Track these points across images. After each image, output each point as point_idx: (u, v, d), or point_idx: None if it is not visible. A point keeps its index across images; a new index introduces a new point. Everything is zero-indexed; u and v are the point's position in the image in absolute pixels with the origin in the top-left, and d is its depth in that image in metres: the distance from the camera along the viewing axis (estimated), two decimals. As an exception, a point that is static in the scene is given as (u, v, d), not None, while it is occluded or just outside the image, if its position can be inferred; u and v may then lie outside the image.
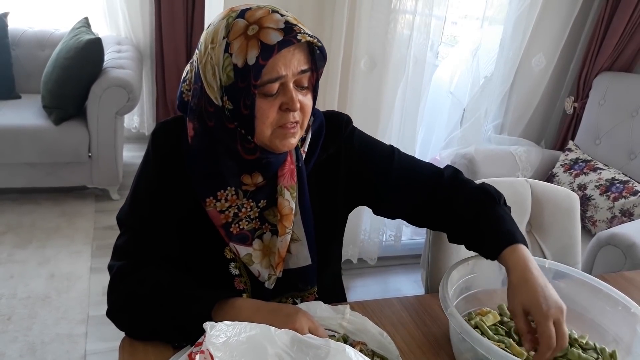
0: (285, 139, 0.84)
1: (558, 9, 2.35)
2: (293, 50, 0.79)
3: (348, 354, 0.69)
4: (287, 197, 0.90)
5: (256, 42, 0.76)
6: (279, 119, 0.82)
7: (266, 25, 0.77)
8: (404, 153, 1.06)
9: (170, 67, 3.27)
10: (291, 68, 0.79)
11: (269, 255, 0.93)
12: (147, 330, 0.85)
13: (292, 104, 0.80)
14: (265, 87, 0.79)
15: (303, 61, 0.81)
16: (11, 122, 2.55)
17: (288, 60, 0.78)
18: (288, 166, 0.90)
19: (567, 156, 2.38)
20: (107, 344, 1.84)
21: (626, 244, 1.65)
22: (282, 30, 0.77)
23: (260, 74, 0.77)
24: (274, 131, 0.82)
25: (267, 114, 0.80)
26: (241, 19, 0.78)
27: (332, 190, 1.00)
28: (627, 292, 0.95)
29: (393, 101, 2.22)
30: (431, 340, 0.94)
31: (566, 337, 0.80)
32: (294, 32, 0.77)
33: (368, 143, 1.04)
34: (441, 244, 1.25)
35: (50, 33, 3.03)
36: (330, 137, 0.98)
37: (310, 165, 0.96)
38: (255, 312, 0.81)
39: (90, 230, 2.53)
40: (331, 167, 0.99)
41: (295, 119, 0.83)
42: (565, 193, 1.38)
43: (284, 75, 0.79)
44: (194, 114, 0.86)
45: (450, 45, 3.03)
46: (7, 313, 1.93)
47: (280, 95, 0.81)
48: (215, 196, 0.88)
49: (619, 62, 2.41)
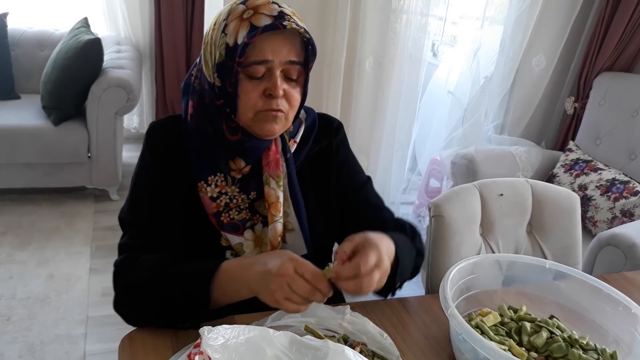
0: (266, 123, 0.86)
1: (558, 9, 2.35)
2: (283, 38, 0.82)
3: (347, 355, 0.69)
4: (273, 185, 0.92)
5: (247, 23, 0.81)
6: (262, 104, 0.84)
7: (261, 11, 0.82)
8: (375, 189, 1.10)
9: (170, 67, 3.27)
10: (279, 56, 0.82)
11: (261, 246, 0.96)
12: (151, 315, 0.86)
13: (274, 89, 0.83)
14: (251, 69, 0.82)
15: (294, 53, 0.84)
16: (10, 123, 2.54)
17: (277, 47, 0.82)
18: (273, 155, 0.93)
19: (567, 156, 2.38)
20: (107, 345, 1.83)
21: (627, 244, 1.65)
22: (274, 17, 0.81)
23: (245, 52, 0.81)
24: (257, 114, 0.85)
25: (250, 96, 0.84)
26: (242, 4, 0.83)
27: (326, 182, 1.03)
28: (628, 293, 0.95)
29: (394, 100, 2.22)
30: (432, 341, 0.93)
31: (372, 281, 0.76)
32: (283, 20, 0.81)
33: (352, 158, 1.09)
34: (442, 244, 1.25)
35: (50, 33, 3.02)
36: (322, 131, 1.02)
37: (303, 155, 0.99)
38: (245, 269, 0.82)
39: (89, 231, 2.53)
40: (324, 161, 1.03)
41: (279, 106, 0.85)
42: (565, 193, 1.38)
43: (270, 60, 0.82)
44: (195, 93, 0.91)
45: (451, 45, 3.04)
46: (7, 314, 1.92)
47: (265, 81, 0.84)
48: (207, 180, 0.91)
49: (620, 62, 2.41)
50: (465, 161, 2.26)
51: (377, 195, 1.09)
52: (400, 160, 2.42)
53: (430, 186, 2.79)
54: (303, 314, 0.86)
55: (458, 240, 1.25)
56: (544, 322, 0.94)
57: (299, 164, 0.99)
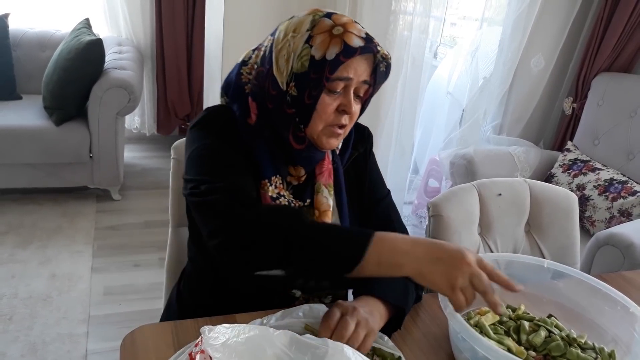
0: (331, 138, 0.90)
1: (557, 10, 2.36)
2: (364, 59, 0.86)
3: (346, 354, 0.69)
4: (325, 194, 0.96)
5: (339, 41, 0.83)
6: (334, 118, 0.88)
7: (350, 30, 0.85)
8: (394, 202, 1.11)
9: (171, 67, 3.28)
10: (358, 75, 0.86)
11: None
12: (285, 259, 0.76)
13: (349, 106, 0.87)
14: (333, 84, 0.85)
15: (367, 73, 0.88)
16: (12, 123, 2.55)
17: (359, 66, 0.86)
18: (326, 165, 0.98)
19: (565, 156, 2.39)
20: (108, 344, 1.84)
21: (625, 244, 1.66)
22: (364, 39, 0.85)
23: (337, 70, 0.83)
24: (325, 128, 0.89)
25: (326, 110, 0.87)
26: (327, 19, 0.86)
27: (361, 188, 1.06)
28: (626, 292, 0.96)
29: (394, 102, 2.23)
30: (431, 340, 0.94)
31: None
32: (374, 44, 0.86)
33: (377, 167, 1.12)
34: (441, 244, 1.25)
35: (51, 34, 3.03)
36: (359, 138, 1.06)
37: (344, 162, 1.02)
38: (414, 245, 0.76)
39: (91, 231, 2.54)
40: (359, 167, 1.06)
41: (346, 122, 0.90)
42: (563, 193, 1.39)
43: (351, 78, 0.86)
44: (256, 95, 0.92)
45: (450, 46, 3.04)
46: (8, 313, 1.93)
47: (341, 97, 0.88)
48: (270, 180, 0.92)
49: (618, 63, 2.42)
50: (464, 161, 2.27)
51: (394, 210, 1.09)
52: (403, 162, 2.43)
53: (429, 186, 2.80)
54: (304, 314, 0.87)
55: (457, 240, 1.26)
56: (542, 321, 0.95)
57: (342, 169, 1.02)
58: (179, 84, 3.34)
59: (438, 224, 1.25)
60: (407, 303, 0.94)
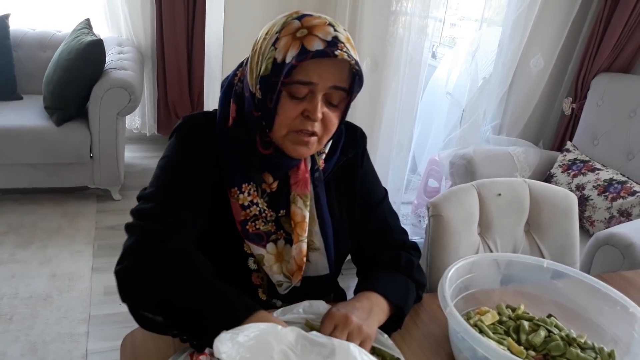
0: (297, 145, 0.86)
1: (556, 10, 2.36)
2: (332, 64, 0.81)
3: (352, 352, 0.69)
4: (300, 205, 0.92)
5: (299, 44, 0.79)
6: (298, 123, 0.84)
7: (315, 33, 0.80)
8: (390, 204, 1.09)
9: (172, 68, 3.28)
10: (324, 80, 0.81)
11: (281, 262, 0.94)
12: (154, 304, 0.77)
13: (313, 112, 0.82)
14: (293, 87, 0.81)
15: (339, 79, 0.83)
16: (13, 123, 2.55)
17: (323, 71, 0.81)
18: (302, 175, 0.93)
19: (565, 157, 2.39)
20: (109, 344, 1.85)
21: (624, 244, 1.66)
22: (327, 42, 0.79)
23: (291, 73, 0.79)
24: (290, 133, 0.85)
25: (287, 114, 0.83)
26: (297, 21, 0.82)
27: (351, 194, 1.02)
28: (626, 292, 0.96)
29: (392, 101, 2.23)
30: (430, 340, 0.94)
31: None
32: (336, 48, 0.79)
33: (372, 171, 1.07)
34: (440, 243, 1.26)
35: (52, 34, 3.03)
36: (349, 142, 1.00)
37: (330, 167, 0.98)
38: None
39: (91, 231, 2.54)
40: (349, 172, 1.02)
41: (314, 129, 0.84)
42: (563, 193, 1.39)
43: (314, 83, 0.81)
44: (237, 97, 0.89)
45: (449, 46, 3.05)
46: (9, 313, 1.94)
47: (306, 102, 0.83)
48: (240, 187, 0.90)
49: (617, 63, 2.42)
50: (463, 161, 2.28)
51: (391, 213, 1.07)
52: (401, 161, 2.43)
53: (429, 186, 2.80)
54: (304, 310, 0.87)
55: (456, 240, 1.27)
56: (542, 320, 0.95)
57: (326, 176, 0.98)
58: (179, 84, 3.34)
59: (438, 224, 1.26)
60: (407, 303, 0.94)
